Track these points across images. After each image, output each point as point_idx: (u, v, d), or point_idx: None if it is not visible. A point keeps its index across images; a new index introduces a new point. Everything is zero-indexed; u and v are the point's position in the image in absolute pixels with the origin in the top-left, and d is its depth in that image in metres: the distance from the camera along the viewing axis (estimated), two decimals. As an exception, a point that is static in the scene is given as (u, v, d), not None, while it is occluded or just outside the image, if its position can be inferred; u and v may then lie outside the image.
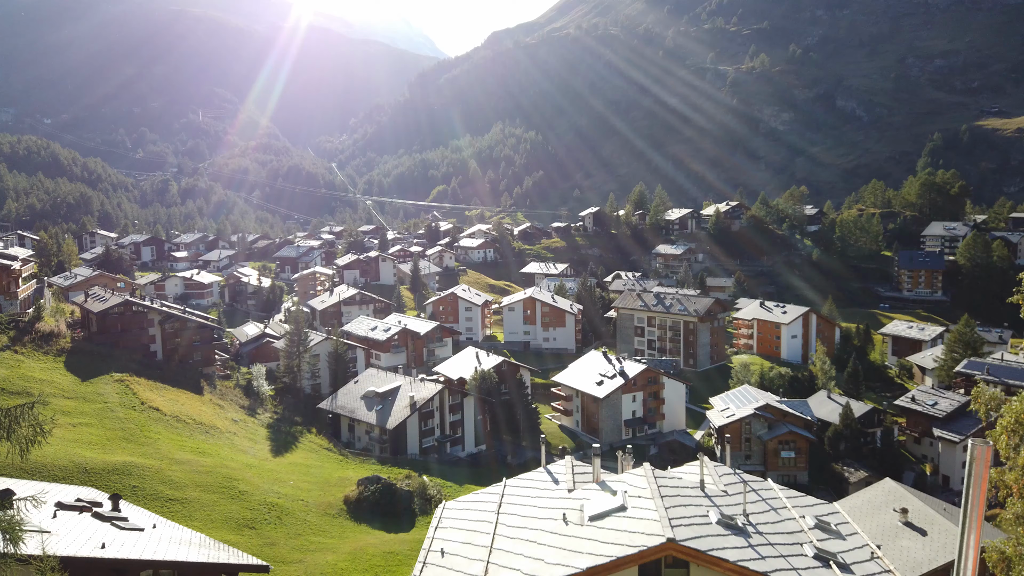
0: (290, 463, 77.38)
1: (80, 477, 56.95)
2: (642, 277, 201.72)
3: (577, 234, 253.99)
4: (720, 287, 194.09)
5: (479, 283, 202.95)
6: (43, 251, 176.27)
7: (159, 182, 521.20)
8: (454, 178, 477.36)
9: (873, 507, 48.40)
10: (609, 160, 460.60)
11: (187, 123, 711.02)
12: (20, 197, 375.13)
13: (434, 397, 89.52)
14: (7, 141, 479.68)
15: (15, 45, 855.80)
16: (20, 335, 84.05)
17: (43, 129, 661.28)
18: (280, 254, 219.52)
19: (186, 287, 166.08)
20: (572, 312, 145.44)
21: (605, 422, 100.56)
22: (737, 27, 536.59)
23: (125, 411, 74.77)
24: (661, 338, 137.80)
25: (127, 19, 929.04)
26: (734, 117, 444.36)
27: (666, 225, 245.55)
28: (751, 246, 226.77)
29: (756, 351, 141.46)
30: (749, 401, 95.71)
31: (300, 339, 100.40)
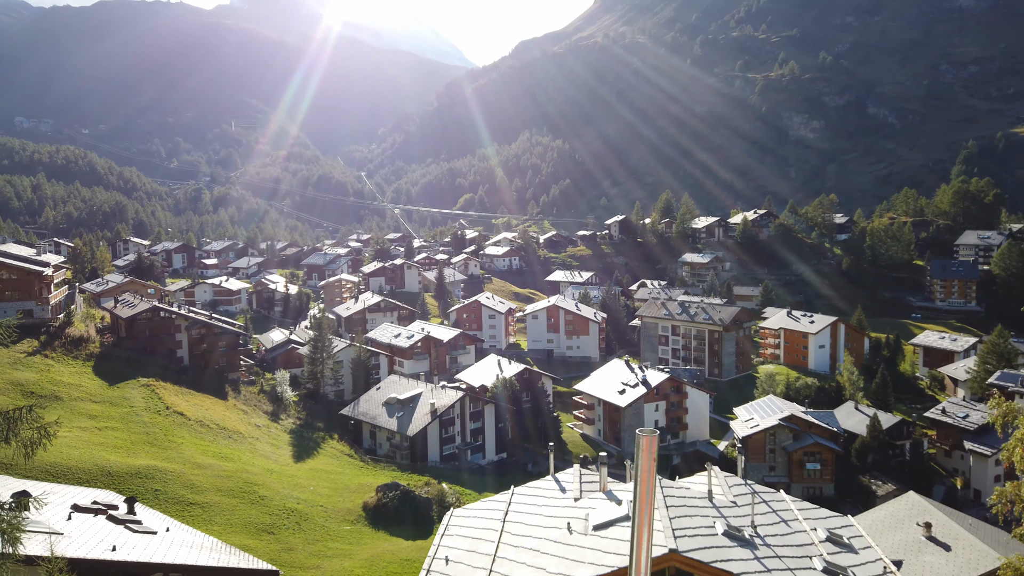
0: (311, 469, 77.87)
1: (104, 480, 57.71)
2: (668, 285, 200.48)
3: (603, 242, 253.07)
4: (747, 296, 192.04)
5: (504, 291, 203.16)
6: (77, 258, 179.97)
7: (192, 191, 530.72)
8: (481, 186, 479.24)
9: (896, 521, 47.35)
10: (636, 168, 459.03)
11: (220, 133, 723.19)
12: (58, 205, 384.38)
13: (455, 404, 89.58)
14: (46, 151, 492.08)
15: (55, 59, 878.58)
16: (51, 340, 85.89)
17: (81, 139, 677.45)
18: (307, 261, 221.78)
19: (215, 294, 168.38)
20: (596, 320, 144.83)
21: (627, 431, 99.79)
22: (766, 34, 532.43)
23: (150, 415, 75.88)
24: (686, 347, 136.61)
25: (163, 32, 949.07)
26: (763, 125, 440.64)
27: (693, 233, 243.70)
28: (779, 254, 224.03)
29: (783, 361, 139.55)
30: (774, 411, 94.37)
31: (323, 345, 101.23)
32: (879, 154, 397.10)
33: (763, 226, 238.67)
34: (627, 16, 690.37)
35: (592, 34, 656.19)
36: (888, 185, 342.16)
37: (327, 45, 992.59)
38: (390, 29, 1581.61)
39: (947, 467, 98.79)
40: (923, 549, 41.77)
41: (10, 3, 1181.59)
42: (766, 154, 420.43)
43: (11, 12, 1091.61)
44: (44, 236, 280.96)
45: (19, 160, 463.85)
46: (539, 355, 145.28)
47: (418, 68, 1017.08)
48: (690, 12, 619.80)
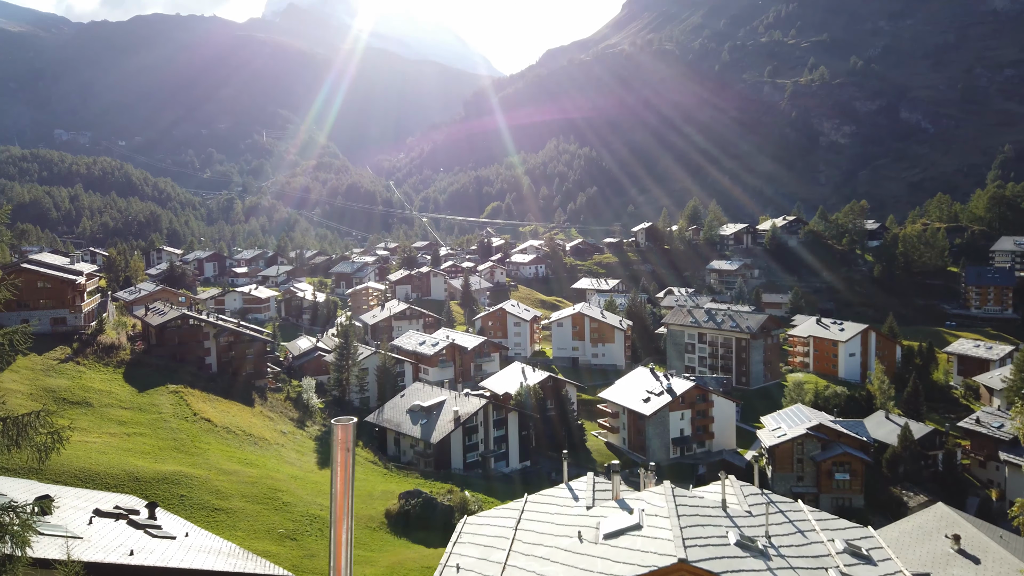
0: (335, 475, 78.31)
1: (131, 485, 58.55)
2: (695, 293, 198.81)
3: (629, 250, 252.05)
4: (776, 303, 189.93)
5: (530, 299, 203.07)
6: (112, 267, 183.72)
7: (224, 200, 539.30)
8: (508, 194, 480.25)
9: (924, 533, 46.31)
10: (664, 175, 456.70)
11: (252, 143, 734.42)
12: (95, 216, 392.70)
13: (478, 412, 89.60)
14: (84, 163, 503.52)
15: (93, 73, 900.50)
16: (83, 347, 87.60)
17: (118, 151, 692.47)
18: (336, 270, 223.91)
19: (244, 302, 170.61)
20: (621, 328, 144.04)
21: (652, 440, 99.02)
22: (795, 40, 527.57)
23: (178, 422, 77.00)
24: (712, 355, 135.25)
25: (197, 45, 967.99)
26: (793, 131, 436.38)
27: (720, 240, 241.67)
28: (809, 262, 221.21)
29: (812, 369, 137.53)
30: (801, 420, 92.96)
31: (349, 353, 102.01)
32: (912, 159, 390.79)
33: (792, 233, 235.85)
34: (654, 23, 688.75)
35: (619, 42, 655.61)
36: (921, 191, 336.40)
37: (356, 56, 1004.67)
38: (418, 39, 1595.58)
39: (982, 478, 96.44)
40: (951, 562, 40.79)
41: (51, 19, 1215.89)
42: (796, 160, 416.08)
43: (51, 28, 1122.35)
44: (81, 246, 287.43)
45: (58, 172, 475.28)
46: (564, 363, 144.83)
47: (446, 77, 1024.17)
48: (718, 19, 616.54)
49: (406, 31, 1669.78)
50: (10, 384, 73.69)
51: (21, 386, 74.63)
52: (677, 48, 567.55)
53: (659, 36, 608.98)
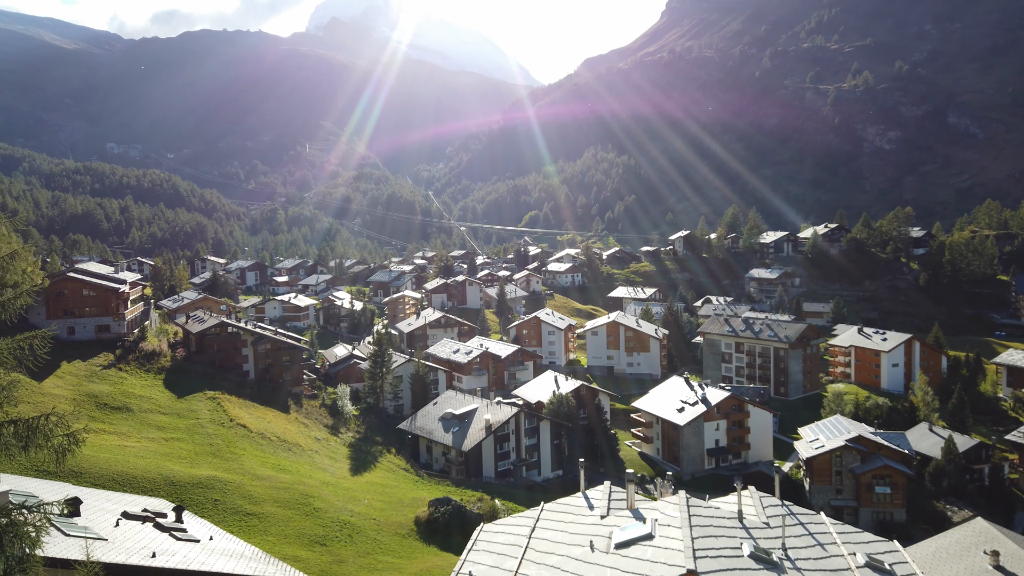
0: (367, 482, 78.98)
1: (167, 489, 59.77)
2: (734, 302, 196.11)
3: (667, 258, 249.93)
4: (818, 312, 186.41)
5: (566, 307, 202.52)
6: (157, 276, 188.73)
7: (268, 211, 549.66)
8: (546, 203, 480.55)
9: (961, 548, 44.89)
10: (703, 183, 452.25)
11: (295, 155, 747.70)
12: (143, 226, 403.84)
13: (509, 420, 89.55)
14: (134, 175, 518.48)
15: (144, 88, 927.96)
16: (125, 353, 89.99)
17: (166, 164, 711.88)
18: (373, 279, 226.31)
19: (284, 310, 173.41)
20: (657, 337, 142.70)
21: (686, 450, 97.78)
22: (838, 45, 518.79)
23: (214, 427, 78.49)
24: (750, 365, 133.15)
25: (243, 60, 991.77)
26: (836, 137, 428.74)
27: (760, 248, 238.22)
28: (852, 270, 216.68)
29: (854, 380, 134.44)
30: (840, 432, 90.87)
31: (383, 360, 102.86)
32: (960, 165, 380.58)
33: (834, 241, 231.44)
34: (694, 30, 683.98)
35: (658, 49, 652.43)
36: (970, 197, 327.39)
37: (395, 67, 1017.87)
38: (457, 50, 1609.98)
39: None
40: (988, 579, 39.46)
41: (104, 36, 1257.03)
42: (839, 167, 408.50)
43: (105, 45, 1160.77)
44: (129, 255, 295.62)
45: (109, 184, 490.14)
46: (599, 372, 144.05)
47: (484, 88, 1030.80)
48: (759, 24, 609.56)
49: (445, 42, 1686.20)
50: (54, 389, 76.02)
51: (65, 391, 76.93)
52: (717, 55, 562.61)
53: (699, 43, 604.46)
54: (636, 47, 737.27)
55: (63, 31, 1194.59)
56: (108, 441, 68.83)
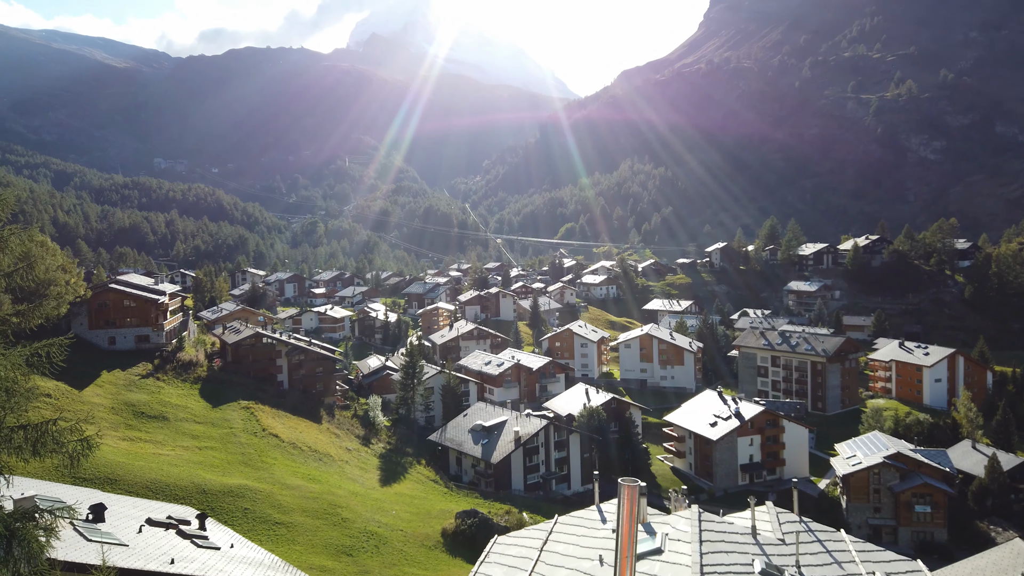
0: (396, 493, 79.35)
1: (198, 497, 60.75)
2: (772, 315, 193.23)
3: (703, 270, 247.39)
4: (858, 326, 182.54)
5: (600, 320, 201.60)
6: (198, 287, 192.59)
7: (308, 224, 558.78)
8: (582, 215, 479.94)
9: (999, 570, 43.45)
10: (741, 195, 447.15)
11: (335, 169, 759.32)
12: (187, 239, 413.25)
13: (539, 433, 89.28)
14: (180, 189, 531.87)
15: (190, 105, 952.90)
16: (163, 363, 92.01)
17: (211, 178, 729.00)
18: (408, 290, 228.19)
19: (320, 321, 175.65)
20: (691, 350, 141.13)
21: (719, 466, 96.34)
22: (880, 53, 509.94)
23: (247, 436, 79.69)
24: (786, 379, 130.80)
25: (285, 76, 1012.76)
26: (879, 147, 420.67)
27: (799, 260, 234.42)
28: (894, 283, 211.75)
29: (895, 395, 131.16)
30: (879, 448, 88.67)
31: (414, 372, 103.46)
32: (1009, 175, 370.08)
33: (876, 253, 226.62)
34: (732, 41, 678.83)
35: (695, 61, 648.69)
36: (1019, 208, 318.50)
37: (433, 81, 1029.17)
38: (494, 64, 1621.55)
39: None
40: (1025, 603, 38.06)
41: (152, 55, 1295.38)
42: (882, 178, 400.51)
43: (153, 63, 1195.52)
44: (173, 267, 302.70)
45: (156, 198, 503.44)
46: (632, 385, 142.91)
47: (521, 101, 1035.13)
48: (798, 34, 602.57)
49: (482, 56, 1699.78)
50: (94, 398, 78.01)
51: (104, 400, 78.88)
52: (756, 65, 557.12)
53: (737, 54, 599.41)
54: (673, 58, 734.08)
55: (114, 50, 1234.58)
56: (144, 449, 70.35)
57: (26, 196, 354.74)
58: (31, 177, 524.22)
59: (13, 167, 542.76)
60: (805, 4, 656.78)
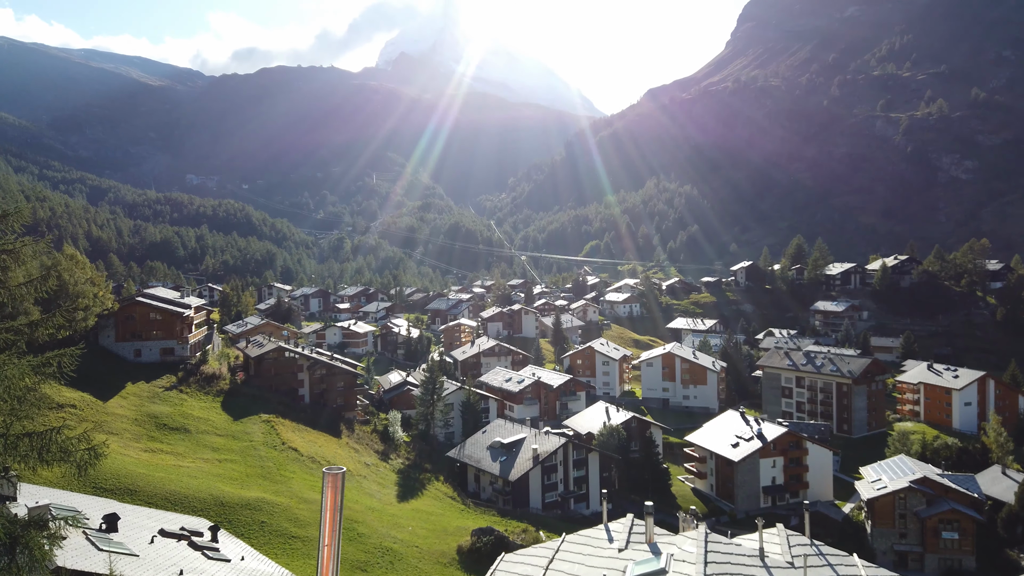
0: (413, 509, 79.26)
1: (216, 510, 61.17)
2: (798, 335, 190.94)
3: (728, 289, 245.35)
4: (886, 347, 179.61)
5: (623, 338, 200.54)
6: (225, 301, 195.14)
7: (335, 240, 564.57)
8: (607, 233, 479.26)
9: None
10: (769, 213, 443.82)
11: (362, 185, 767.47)
12: (217, 254, 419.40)
13: (557, 451, 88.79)
14: (210, 205, 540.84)
15: (223, 122, 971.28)
16: (187, 376, 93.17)
17: (241, 194, 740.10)
18: (431, 306, 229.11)
19: (343, 336, 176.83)
20: (714, 370, 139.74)
21: (741, 488, 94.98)
22: (911, 72, 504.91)
23: (267, 450, 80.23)
24: (811, 400, 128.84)
25: (316, 94, 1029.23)
26: (909, 166, 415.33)
27: (826, 280, 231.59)
28: (924, 304, 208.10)
29: (923, 419, 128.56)
30: (905, 473, 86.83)
31: (434, 388, 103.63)
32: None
33: (904, 273, 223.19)
34: (760, 59, 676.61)
35: (722, 79, 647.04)
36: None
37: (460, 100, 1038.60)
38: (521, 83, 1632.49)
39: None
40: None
41: (187, 73, 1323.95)
42: (912, 197, 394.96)
43: (188, 81, 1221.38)
44: (202, 282, 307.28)
45: (187, 213, 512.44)
46: (654, 404, 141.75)
47: (548, 119, 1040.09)
48: (827, 52, 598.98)
49: (509, 75, 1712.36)
50: (118, 409, 79.16)
51: (128, 411, 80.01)
52: (783, 84, 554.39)
53: (764, 72, 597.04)
54: (700, 77, 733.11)
55: (150, 69, 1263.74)
56: (164, 461, 71.10)
57: (61, 211, 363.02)
58: (67, 192, 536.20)
59: (50, 182, 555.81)
60: (834, 23, 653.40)
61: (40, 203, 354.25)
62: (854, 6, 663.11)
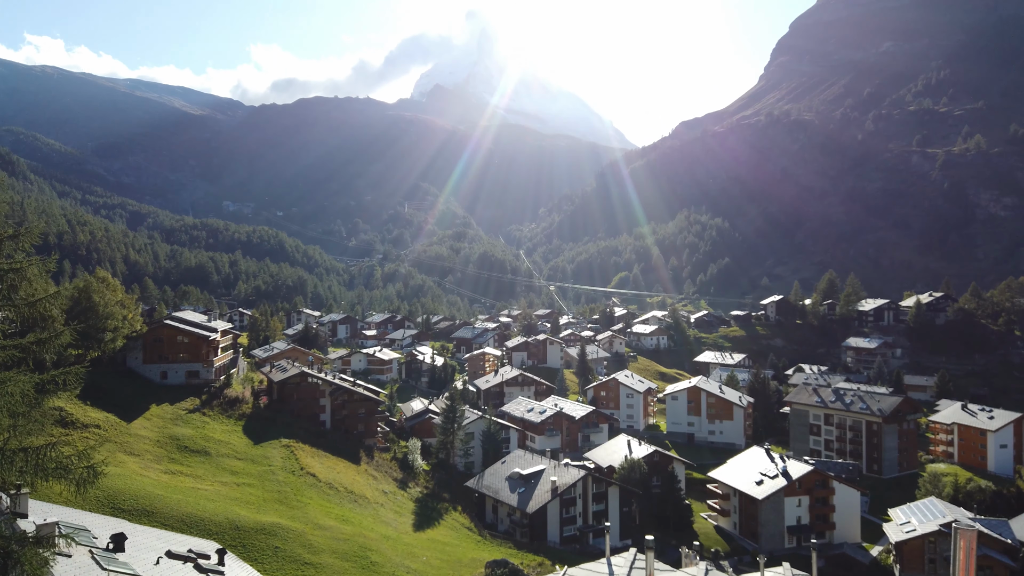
0: (428, 539, 78.67)
1: (231, 534, 61.31)
2: (829, 371, 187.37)
3: (758, 323, 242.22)
4: (920, 386, 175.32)
5: (649, 370, 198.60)
6: (254, 326, 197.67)
7: (366, 267, 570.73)
8: (636, 265, 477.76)
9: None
10: (802, 247, 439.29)
11: (394, 214, 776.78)
12: (249, 279, 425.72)
13: (576, 483, 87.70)
14: (244, 231, 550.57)
15: (261, 150, 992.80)
16: (210, 399, 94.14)
17: (276, 221, 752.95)
18: (457, 335, 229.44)
19: (369, 363, 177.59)
20: (741, 405, 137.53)
21: (765, 526, 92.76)
22: (948, 107, 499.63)
23: (285, 475, 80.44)
24: (840, 438, 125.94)
25: (351, 124, 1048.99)
26: (945, 202, 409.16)
27: (859, 316, 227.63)
28: (959, 342, 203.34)
29: (956, 460, 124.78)
30: (935, 516, 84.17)
31: (454, 417, 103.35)
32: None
33: (940, 310, 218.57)
34: (793, 93, 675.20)
35: (755, 112, 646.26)
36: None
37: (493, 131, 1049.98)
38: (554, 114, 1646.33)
39: None
40: None
41: (227, 103, 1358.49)
42: (948, 234, 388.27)
43: (227, 110, 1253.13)
44: (233, 306, 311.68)
45: (222, 239, 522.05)
46: (679, 438, 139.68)
47: (579, 150, 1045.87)
48: (862, 87, 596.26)
49: (542, 107, 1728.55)
50: (141, 431, 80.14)
51: (151, 433, 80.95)
52: (817, 118, 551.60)
53: (797, 106, 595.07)
54: (732, 110, 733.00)
55: (192, 98, 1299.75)
56: (183, 483, 71.62)
57: (101, 235, 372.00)
58: (108, 217, 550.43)
59: (92, 207, 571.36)
60: (869, 57, 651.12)
61: (81, 227, 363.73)
62: (890, 41, 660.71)
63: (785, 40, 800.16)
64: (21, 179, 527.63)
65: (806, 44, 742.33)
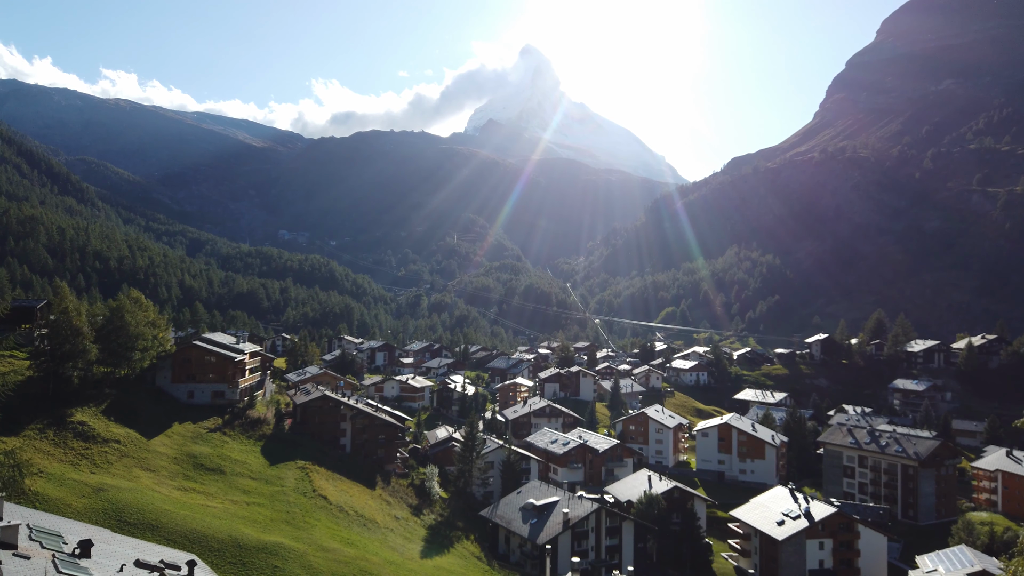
0: (434, 566, 78.28)
1: (232, 551, 62.21)
2: (872, 413, 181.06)
3: (802, 362, 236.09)
4: (969, 432, 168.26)
5: (686, 406, 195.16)
6: (292, 351, 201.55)
7: (412, 296, 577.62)
8: (683, 300, 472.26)
9: None
10: (854, 286, 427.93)
11: (443, 245, 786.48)
12: (298, 306, 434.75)
13: (589, 516, 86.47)
14: (296, 259, 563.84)
15: (317, 181, 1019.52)
16: (233, 419, 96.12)
17: (328, 250, 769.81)
18: (492, 364, 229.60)
19: (401, 390, 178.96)
20: (773, 444, 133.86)
21: (785, 568, 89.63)
22: (1010, 146, 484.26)
23: (296, 496, 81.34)
24: (874, 482, 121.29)
25: (406, 158, 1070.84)
26: (1007, 243, 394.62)
27: (907, 357, 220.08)
28: (1012, 387, 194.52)
29: (1000, 509, 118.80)
30: (963, 564, 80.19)
31: (472, 445, 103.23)
32: None
33: (992, 353, 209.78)
34: (848, 131, 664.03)
35: (809, 150, 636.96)
36: None
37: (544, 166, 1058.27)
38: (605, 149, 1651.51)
39: None
40: None
41: (288, 136, 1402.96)
42: (1010, 275, 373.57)
43: (288, 143, 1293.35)
44: (279, 332, 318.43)
45: (275, 267, 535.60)
46: (709, 476, 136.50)
47: (630, 185, 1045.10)
48: (920, 125, 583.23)
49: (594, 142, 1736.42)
50: (160, 447, 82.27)
51: (169, 450, 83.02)
52: (873, 155, 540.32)
53: (853, 144, 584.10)
54: (786, 147, 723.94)
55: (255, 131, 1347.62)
56: (194, 500, 73.08)
57: (159, 260, 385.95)
58: (168, 243, 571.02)
59: (155, 234, 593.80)
60: (929, 95, 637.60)
61: (140, 252, 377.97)
62: (950, 79, 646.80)
63: (842, 76, 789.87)
64: (89, 206, 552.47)
65: (863, 81, 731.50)
